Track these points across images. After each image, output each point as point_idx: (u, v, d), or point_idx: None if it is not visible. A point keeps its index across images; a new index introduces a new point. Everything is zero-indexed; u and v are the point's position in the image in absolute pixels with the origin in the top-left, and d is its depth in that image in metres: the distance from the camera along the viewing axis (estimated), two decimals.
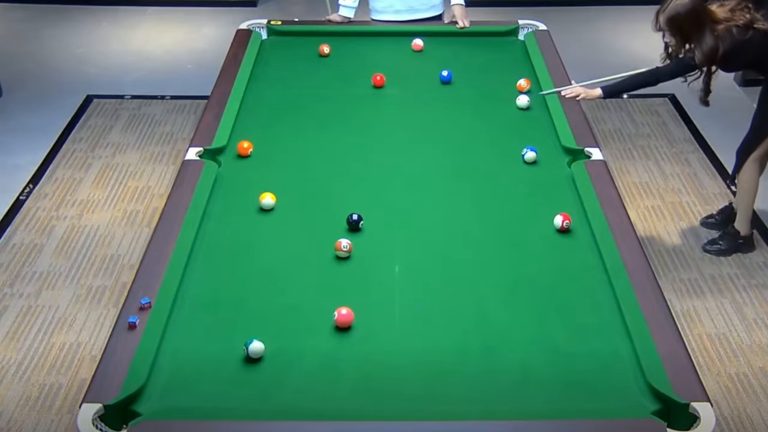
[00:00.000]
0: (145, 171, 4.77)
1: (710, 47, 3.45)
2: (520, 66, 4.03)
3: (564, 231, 2.86)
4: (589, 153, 3.25)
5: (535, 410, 2.19)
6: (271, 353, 2.34)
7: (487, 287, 2.63)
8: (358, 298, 2.54)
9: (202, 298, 2.56)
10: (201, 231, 2.84)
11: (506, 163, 3.27)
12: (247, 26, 4.35)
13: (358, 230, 2.85)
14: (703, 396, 2.17)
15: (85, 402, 2.13)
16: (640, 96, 5.60)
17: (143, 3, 7.13)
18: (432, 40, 4.25)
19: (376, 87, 3.83)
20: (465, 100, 3.76)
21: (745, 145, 4.00)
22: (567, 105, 3.61)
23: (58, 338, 3.57)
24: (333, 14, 4.45)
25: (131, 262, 3.99)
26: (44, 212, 4.39)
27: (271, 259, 2.75)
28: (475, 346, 2.40)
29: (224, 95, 3.68)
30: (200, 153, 3.25)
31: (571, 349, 2.38)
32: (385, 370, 2.32)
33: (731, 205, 4.23)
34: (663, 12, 3.48)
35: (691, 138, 5.14)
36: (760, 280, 3.95)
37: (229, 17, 6.63)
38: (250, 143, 3.28)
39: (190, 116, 5.35)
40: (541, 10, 6.45)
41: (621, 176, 4.70)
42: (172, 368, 2.30)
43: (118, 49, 6.39)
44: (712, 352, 3.53)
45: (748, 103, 5.57)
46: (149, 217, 4.33)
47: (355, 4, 4.37)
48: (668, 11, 3.45)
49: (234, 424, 2.14)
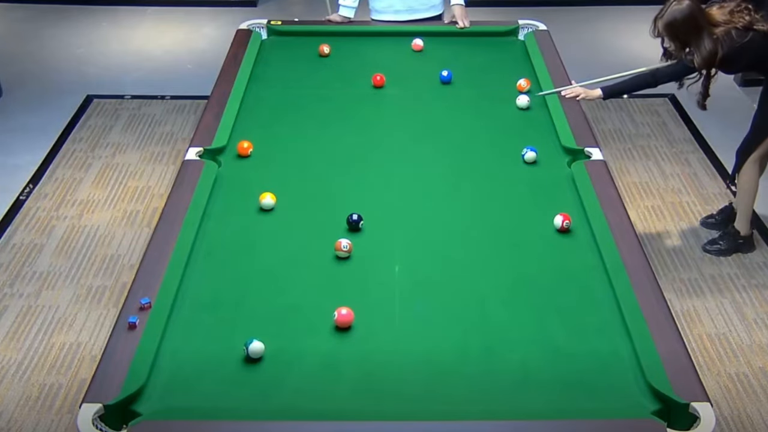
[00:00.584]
0: (145, 171, 4.77)
1: (709, 51, 3.45)
2: (520, 66, 4.03)
3: (564, 231, 2.86)
4: (589, 153, 3.25)
5: (535, 410, 2.19)
6: (271, 353, 2.33)
7: (487, 287, 2.63)
8: (358, 298, 2.54)
9: (202, 298, 2.56)
10: (201, 231, 2.84)
11: (506, 163, 3.27)
12: (247, 26, 4.35)
13: (358, 230, 2.85)
14: (703, 396, 2.17)
15: (85, 402, 2.13)
16: (640, 96, 5.60)
17: (143, 3, 7.12)
18: (432, 40, 4.25)
19: (376, 87, 3.82)
20: (465, 100, 3.76)
21: (745, 145, 4.00)
22: (567, 105, 3.61)
23: (58, 338, 3.57)
24: (333, 14, 4.45)
25: (131, 262, 3.99)
26: (44, 212, 4.39)
27: (271, 259, 2.75)
28: (475, 345, 2.40)
29: (224, 95, 3.68)
30: (200, 153, 3.25)
31: (571, 349, 2.38)
32: (385, 370, 2.32)
33: (731, 205, 4.23)
34: (661, 18, 3.47)
35: (691, 138, 5.13)
36: (760, 280, 3.95)
37: (229, 17, 6.63)
38: (250, 143, 3.28)
39: (190, 116, 5.35)
40: (541, 10, 6.45)
41: (621, 176, 4.70)
42: (172, 368, 2.30)
43: (118, 49, 6.39)
44: (712, 352, 3.53)
45: (748, 103, 5.57)
46: (149, 217, 4.33)
47: (355, 4, 4.37)
48: (666, 17, 3.45)
49: (234, 424, 2.14)
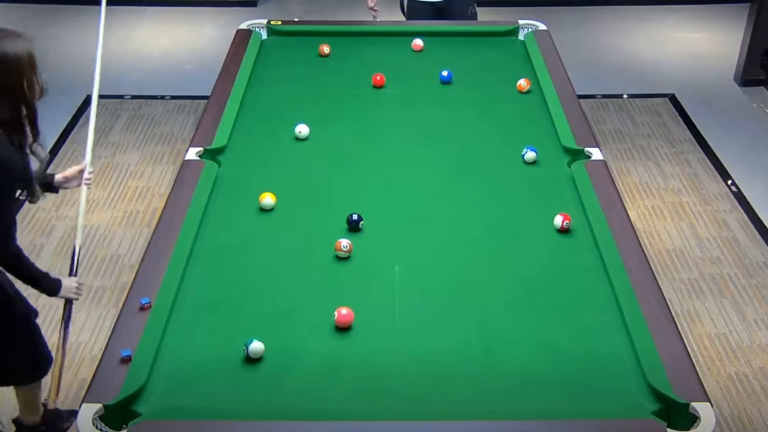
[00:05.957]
0: (145, 171, 4.77)
1: None
2: (520, 66, 4.03)
3: (564, 231, 2.86)
4: (589, 153, 3.25)
5: (535, 410, 2.19)
6: (271, 353, 2.33)
7: (487, 287, 2.63)
8: (358, 298, 2.54)
9: (202, 298, 2.56)
10: (201, 231, 2.84)
11: (506, 163, 3.27)
12: (247, 26, 4.35)
13: (358, 230, 2.85)
14: (703, 396, 2.17)
15: (85, 402, 2.13)
16: (640, 96, 5.61)
17: (143, 3, 7.13)
18: (432, 40, 4.24)
19: (376, 87, 3.82)
20: (465, 100, 3.76)
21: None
22: (567, 105, 3.61)
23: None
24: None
25: (131, 262, 3.99)
26: (44, 212, 4.39)
27: (271, 259, 2.75)
28: (475, 345, 2.40)
29: (224, 95, 3.68)
30: (200, 153, 3.25)
31: (571, 349, 2.38)
32: (385, 370, 2.32)
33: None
34: None
35: (691, 138, 5.14)
36: (760, 280, 3.95)
37: (229, 17, 6.63)
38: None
39: (190, 116, 5.35)
40: (541, 10, 6.45)
41: (621, 176, 4.70)
42: (172, 368, 2.30)
43: (117, 49, 6.38)
44: (712, 352, 3.53)
45: (748, 103, 5.58)
46: (149, 217, 4.33)
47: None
48: None
49: (234, 424, 2.14)
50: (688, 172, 4.79)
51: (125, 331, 2.37)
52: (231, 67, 3.94)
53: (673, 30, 6.72)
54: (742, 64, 5.72)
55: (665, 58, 6.24)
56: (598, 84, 5.74)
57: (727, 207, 4.47)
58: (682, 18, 6.92)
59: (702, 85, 5.80)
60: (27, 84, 2.39)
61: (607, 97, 5.61)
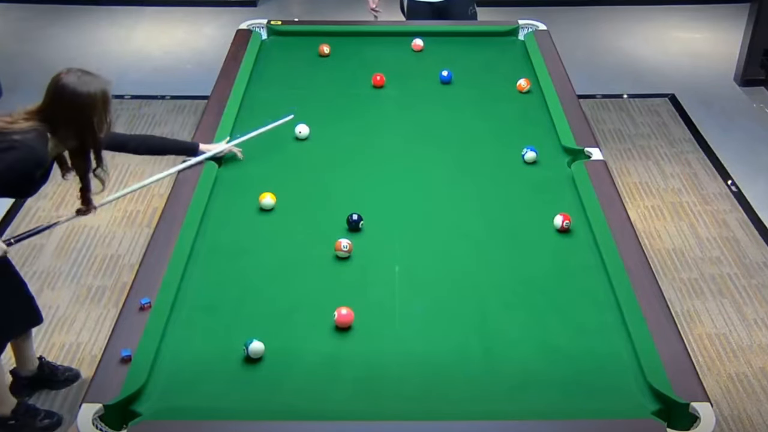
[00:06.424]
0: (146, 171, 4.76)
1: None
2: (520, 66, 4.03)
3: (564, 231, 2.86)
4: (589, 153, 3.25)
5: (535, 410, 2.19)
6: (271, 353, 2.34)
7: (487, 287, 2.63)
8: (358, 299, 2.54)
9: (202, 298, 2.56)
10: (201, 231, 2.84)
11: (506, 163, 3.27)
12: (247, 26, 4.35)
13: (358, 230, 2.85)
14: (703, 396, 2.17)
15: (85, 402, 2.13)
16: (640, 96, 5.61)
17: (143, 3, 7.13)
18: (432, 40, 4.24)
19: (376, 87, 3.82)
20: (465, 100, 3.76)
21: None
22: (567, 105, 3.61)
23: (59, 338, 3.57)
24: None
25: (131, 262, 3.99)
26: (44, 212, 4.39)
27: (271, 259, 2.75)
28: (475, 345, 2.40)
29: (224, 95, 3.68)
30: None
31: (571, 349, 2.38)
32: (385, 370, 2.32)
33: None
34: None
35: (691, 138, 5.13)
36: (760, 280, 3.95)
37: (229, 17, 6.63)
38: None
39: (190, 116, 5.35)
40: (541, 10, 6.45)
41: (621, 176, 4.70)
42: (172, 368, 2.30)
43: (117, 49, 6.39)
44: (712, 352, 3.53)
45: (748, 103, 5.58)
46: (149, 217, 4.33)
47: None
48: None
49: (234, 424, 2.14)
50: (688, 172, 4.79)
51: (125, 331, 2.37)
52: (231, 67, 3.94)
53: (673, 30, 6.72)
54: (742, 64, 5.72)
55: (665, 58, 6.24)
56: (598, 84, 5.74)
57: (727, 207, 4.47)
58: (682, 18, 6.92)
59: (702, 85, 5.80)
60: (97, 120, 2.59)
61: (607, 97, 5.61)
